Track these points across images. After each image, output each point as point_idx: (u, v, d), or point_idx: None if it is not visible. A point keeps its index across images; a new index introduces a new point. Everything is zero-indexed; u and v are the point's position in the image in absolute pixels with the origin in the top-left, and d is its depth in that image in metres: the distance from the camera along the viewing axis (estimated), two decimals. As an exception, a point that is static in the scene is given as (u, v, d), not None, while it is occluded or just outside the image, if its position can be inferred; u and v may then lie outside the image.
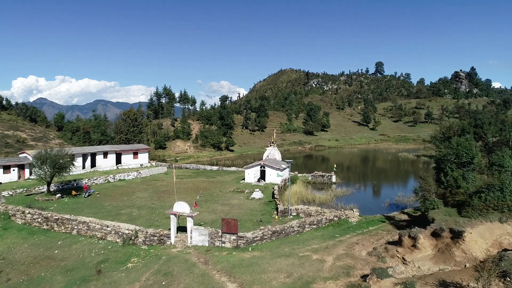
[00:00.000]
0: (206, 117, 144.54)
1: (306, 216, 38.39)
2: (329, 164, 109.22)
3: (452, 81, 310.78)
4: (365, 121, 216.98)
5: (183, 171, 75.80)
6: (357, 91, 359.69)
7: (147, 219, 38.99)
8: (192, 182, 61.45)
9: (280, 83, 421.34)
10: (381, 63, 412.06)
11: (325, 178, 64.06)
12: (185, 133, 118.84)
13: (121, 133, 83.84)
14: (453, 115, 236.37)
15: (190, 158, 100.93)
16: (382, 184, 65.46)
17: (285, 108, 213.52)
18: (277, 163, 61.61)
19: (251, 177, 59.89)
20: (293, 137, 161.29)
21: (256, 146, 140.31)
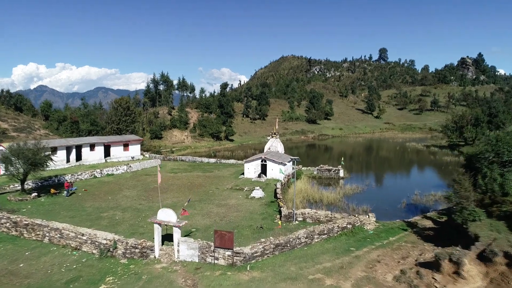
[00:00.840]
0: (205, 105, 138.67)
1: (314, 221, 33.15)
2: (333, 154, 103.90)
3: (458, 67, 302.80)
4: (369, 109, 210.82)
5: (178, 164, 70.53)
6: (360, 78, 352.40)
7: (130, 225, 33.84)
8: (186, 177, 56.19)
9: (282, 70, 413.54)
10: (385, 50, 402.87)
11: (332, 173, 58.72)
12: (183, 122, 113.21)
13: (112, 122, 78.35)
14: (459, 103, 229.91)
15: (187, 148, 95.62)
16: (394, 179, 60.10)
17: (287, 96, 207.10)
18: (279, 156, 56.23)
19: (251, 172, 54.60)
20: (295, 125, 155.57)
21: (257, 136, 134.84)
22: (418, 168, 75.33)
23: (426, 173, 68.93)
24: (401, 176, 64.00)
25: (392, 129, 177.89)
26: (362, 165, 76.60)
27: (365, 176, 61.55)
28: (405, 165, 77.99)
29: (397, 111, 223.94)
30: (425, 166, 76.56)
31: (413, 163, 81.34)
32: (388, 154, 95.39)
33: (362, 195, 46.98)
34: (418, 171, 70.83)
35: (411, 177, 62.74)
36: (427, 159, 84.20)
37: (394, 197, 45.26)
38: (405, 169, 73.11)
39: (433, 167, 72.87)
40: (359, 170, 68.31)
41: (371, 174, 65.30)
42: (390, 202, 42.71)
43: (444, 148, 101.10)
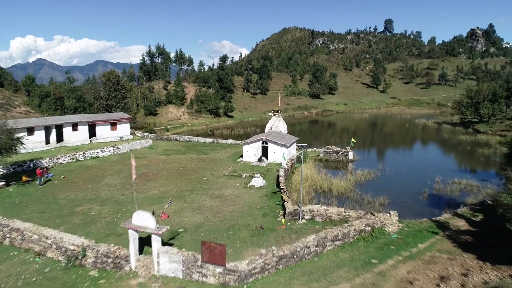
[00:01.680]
0: (203, 79, 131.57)
1: (324, 220, 27.86)
2: (337, 131, 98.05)
3: (467, 39, 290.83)
4: (374, 83, 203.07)
5: (171, 144, 64.92)
6: (365, 50, 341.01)
7: (107, 223, 28.64)
8: (179, 160, 50.69)
9: (284, 42, 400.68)
10: (391, 21, 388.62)
11: (340, 155, 53.15)
12: (179, 98, 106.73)
13: (101, 99, 72.20)
14: (468, 77, 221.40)
15: (183, 126, 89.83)
16: (409, 163, 54.25)
17: (289, 69, 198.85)
18: (282, 137, 50.47)
19: (250, 155, 49.03)
20: (298, 101, 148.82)
21: (258, 111, 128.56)
22: (432, 148, 69.62)
23: (443, 154, 63.29)
24: (416, 158, 58.23)
25: (399, 104, 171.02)
26: (371, 145, 70.99)
27: (375, 158, 55.99)
28: (418, 145, 72.32)
29: (403, 85, 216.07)
30: (440, 146, 70.80)
31: (426, 143, 75.63)
32: (398, 132, 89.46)
33: (376, 182, 41.56)
34: (433, 153, 65.12)
35: (428, 160, 57.09)
36: (440, 138, 78.36)
37: (413, 186, 39.85)
38: (418, 150, 67.43)
39: (450, 148, 67.17)
40: (368, 151, 62.71)
41: (382, 155, 59.63)
42: (410, 193, 37.31)
43: (456, 126, 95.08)
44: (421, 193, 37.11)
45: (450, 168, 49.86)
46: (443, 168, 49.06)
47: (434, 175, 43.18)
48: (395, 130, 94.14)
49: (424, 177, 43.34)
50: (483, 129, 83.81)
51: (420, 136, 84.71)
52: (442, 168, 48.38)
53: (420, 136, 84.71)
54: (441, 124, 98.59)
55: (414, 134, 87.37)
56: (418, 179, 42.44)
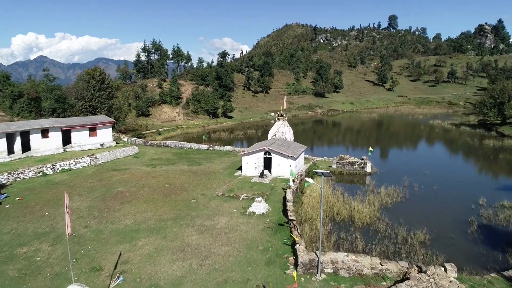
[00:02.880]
0: (201, 76, 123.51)
1: (352, 275, 19.99)
2: (345, 133, 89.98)
3: (476, 35, 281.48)
4: (381, 81, 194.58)
5: (161, 151, 57.02)
6: (369, 47, 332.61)
7: (53, 276, 20.86)
8: (166, 173, 42.81)
9: (286, 39, 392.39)
10: (395, 17, 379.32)
11: (356, 167, 45.22)
12: (174, 97, 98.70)
13: (83, 99, 64.34)
14: (478, 74, 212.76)
15: (177, 128, 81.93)
16: (439, 176, 45.27)
17: (292, 66, 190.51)
18: (288, 146, 42.55)
19: (250, 168, 41.16)
20: (301, 99, 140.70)
21: (259, 111, 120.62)
22: (459, 157, 61.49)
23: (474, 165, 55.22)
24: (445, 170, 49.61)
25: (407, 103, 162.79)
26: (388, 151, 62.85)
27: (397, 169, 47.93)
28: (441, 152, 64.18)
29: (410, 83, 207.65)
30: (467, 153, 62.71)
31: (450, 149, 67.49)
32: (414, 136, 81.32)
33: (406, 206, 33.63)
34: (462, 162, 56.95)
35: (459, 172, 48.88)
36: (464, 143, 70.24)
37: (454, 211, 31.91)
38: (444, 158, 59.18)
39: (479, 156, 59.13)
40: (385, 158, 54.57)
41: (404, 165, 51.45)
42: (453, 222, 29.38)
43: (476, 128, 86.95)
44: (467, 223, 29.14)
45: (491, 184, 41.95)
46: (481, 184, 41.19)
47: (475, 195, 35.25)
48: (410, 132, 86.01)
49: (464, 197, 35.41)
50: (508, 132, 75.77)
51: (440, 140, 76.66)
52: (480, 184, 40.47)
53: (440, 140, 76.65)
54: (459, 126, 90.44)
55: (433, 137, 79.32)
56: (457, 201, 34.51)
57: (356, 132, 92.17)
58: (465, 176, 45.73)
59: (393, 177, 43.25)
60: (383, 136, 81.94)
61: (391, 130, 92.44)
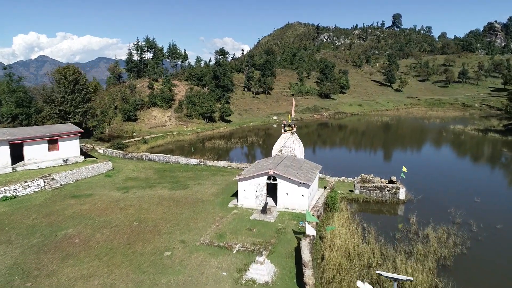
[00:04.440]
0: (197, 76, 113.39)
1: None
2: (352, 137, 79.74)
3: (485, 34, 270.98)
4: (388, 81, 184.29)
5: (141, 167, 46.90)
6: (373, 46, 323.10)
7: None
8: (139, 203, 32.71)
9: (287, 38, 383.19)
10: (399, 15, 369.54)
11: (385, 193, 35.14)
12: (165, 99, 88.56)
13: (52, 102, 54.35)
14: (490, 74, 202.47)
15: (167, 136, 71.70)
16: (496, 207, 34.48)
17: (295, 65, 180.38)
18: (299, 167, 32.53)
19: (249, 197, 31.13)
20: (306, 101, 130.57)
21: (260, 114, 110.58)
22: (508, 174, 51.09)
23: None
24: (498, 195, 38.94)
25: (418, 104, 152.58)
26: (415, 167, 51.59)
27: (435, 194, 37.70)
28: (481, 169, 53.32)
29: (419, 84, 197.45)
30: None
31: (489, 163, 56.85)
32: (440, 145, 70.92)
33: (473, 263, 23.47)
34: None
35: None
36: (502, 156, 60.04)
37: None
38: (488, 177, 47.98)
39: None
40: (416, 178, 43.94)
41: (442, 188, 40.74)
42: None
43: (506, 134, 76.65)
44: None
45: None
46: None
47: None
48: (434, 140, 75.41)
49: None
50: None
51: (471, 150, 66.43)
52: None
53: (472, 150, 66.45)
54: (486, 133, 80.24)
55: (462, 147, 69.12)
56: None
57: (370, 139, 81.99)
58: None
59: (435, 208, 33.21)
60: (403, 145, 71.40)
61: (410, 137, 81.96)
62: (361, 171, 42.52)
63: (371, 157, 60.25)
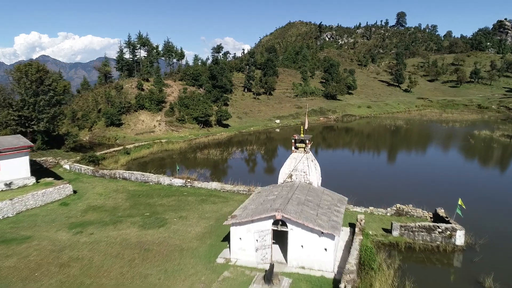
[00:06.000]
0: (193, 76, 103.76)
1: None
2: (366, 145, 70.02)
3: (495, 32, 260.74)
4: (396, 81, 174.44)
5: (111, 191, 37.12)
6: (378, 45, 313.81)
7: None
8: (90, 254, 23.01)
9: (289, 37, 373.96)
10: (403, 14, 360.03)
11: (436, 236, 25.41)
12: (154, 101, 78.87)
13: (10, 106, 44.79)
14: (502, 73, 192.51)
15: (154, 145, 61.87)
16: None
17: (298, 65, 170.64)
18: (317, 203, 22.93)
19: (247, 249, 21.53)
20: (311, 102, 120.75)
21: (261, 117, 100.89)
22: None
23: None
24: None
25: (430, 106, 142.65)
26: (460, 190, 40.81)
27: (501, 235, 27.89)
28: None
29: (428, 84, 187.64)
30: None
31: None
32: (476, 156, 60.91)
33: None
34: None
35: None
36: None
37: None
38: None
39: None
40: (468, 208, 33.40)
41: (504, 222, 30.88)
42: None
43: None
44: None
45: None
46: None
47: None
48: (468, 150, 64.91)
49: None
50: None
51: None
52: None
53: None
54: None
55: (500, 158, 59.27)
56: None
57: (389, 148, 72.26)
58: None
59: (508, 260, 23.54)
60: (434, 157, 60.72)
61: (437, 146, 71.64)
62: (390, 196, 32.80)
63: (399, 174, 49.52)
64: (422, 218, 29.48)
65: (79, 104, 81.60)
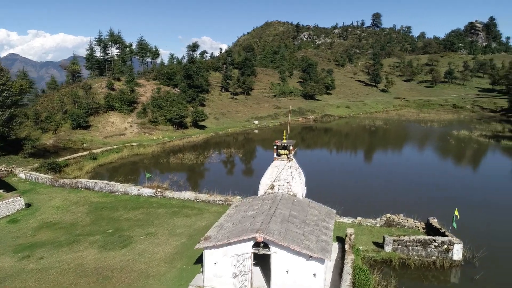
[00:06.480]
0: (167, 75, 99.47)
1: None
2: (345, 146, 68.40)
3: (466, 33, 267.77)
4: (373, 81, 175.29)
5: (71, 203, 33.13)
6: (354, 45, 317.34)
7: None
8: (36, 286, 19.32)
9: (266, 37, 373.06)
10: (379, 15, 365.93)
11: (432, 250, 23.13)
12: (125, 101, 74.33)
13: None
14: (474, 74, 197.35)
15: (124, 149, 57.61)
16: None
17: (276, 64, 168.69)
18: (303, 217, 20.15)
19: (223, 276, 18.45)
20: (289, 102, 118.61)
21: (239, 118, 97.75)
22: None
23: None
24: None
25: (407, 106, 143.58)
26: (452, 197, 38.59)
27: (501, 248, 25.93)
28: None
29: (404, 84, 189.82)
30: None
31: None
32: (460, 158, 59.77)
33: None
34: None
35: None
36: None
37: None
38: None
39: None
40: (462, 217, 31.12)
41: (502, 235, 28.88)
42: None
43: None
44: None
45: None
46: None
47: None
48: (450, 152, 63.75)
49: None
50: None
51: (498, 165, 55.41)
52: None
53: (498, 165, 55.58)
54: (498, 140, 70.43)
55: (482, 160, 58.46)
56: None
57: (371, 149, 70.80)
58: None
59: (500, 267, 21.60)
60: (419, 160, 59.11)
61: (420, 147, 70.43)
62: (378, 202, 30.60)
63: (385, 178, 46.49)
64: (414, 229, 27.25)
65: (43, 105, 75.95)
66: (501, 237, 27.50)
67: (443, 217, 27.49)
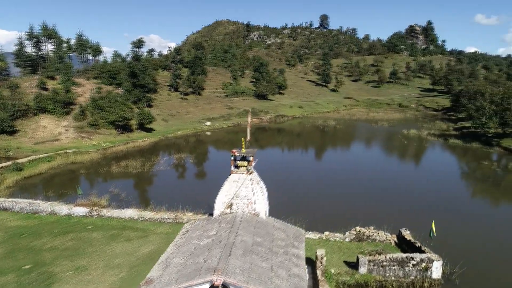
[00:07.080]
0: (110, 73, 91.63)
1: None
2: (299, 148, 66.86)
3: (407, 36, 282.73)
4: (324, 81, 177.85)
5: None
6: (304, 46, 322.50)
7: None
8: None
9: (216, 36, 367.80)
10: (326, 16, 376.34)
11: (410, 270, 20.77)
12: (59, 103, 66.28)
13: None
14: (416, 74, 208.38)
15: (59, 155, 50.56)
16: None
17: (227, 63, 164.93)
18: (269, 244, 16.65)
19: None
20: (242, 103, 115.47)
21: (190, 119, 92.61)
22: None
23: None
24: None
25: (356, 105, 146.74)
26: (419, 202, 37.33)
27: (486, 260, 24.39)
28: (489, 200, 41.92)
29: (353, 84, 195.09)
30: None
31: (491, 188, 45.67)
32: (412, 158, 60.00)
33: None
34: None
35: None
36: (492, 174, 49.67)
37: None
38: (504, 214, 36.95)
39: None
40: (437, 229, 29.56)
41: (492, 246, 27.25)
42: None
43: (468, 140, 68.81)
44: None
45: None
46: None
47: None
48: (405, 152, 64.02)
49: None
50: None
51: (452, 167, 55.67)
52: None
53: (453, 166, 55.93)
54: (446, 139, 72.38)
55: (437, 160, 58.89)
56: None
57: (324, 151, 69.49)
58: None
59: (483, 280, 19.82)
60: (372, 161, 58.26)
61: (372, 148, 70.45)
62: (344, 213, 28.00)
63: (347, 184, 43.10)
64: (386, 242, 24.97)
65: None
66: (477, 248, 26.08)
67: (414, 226, 25.55)
